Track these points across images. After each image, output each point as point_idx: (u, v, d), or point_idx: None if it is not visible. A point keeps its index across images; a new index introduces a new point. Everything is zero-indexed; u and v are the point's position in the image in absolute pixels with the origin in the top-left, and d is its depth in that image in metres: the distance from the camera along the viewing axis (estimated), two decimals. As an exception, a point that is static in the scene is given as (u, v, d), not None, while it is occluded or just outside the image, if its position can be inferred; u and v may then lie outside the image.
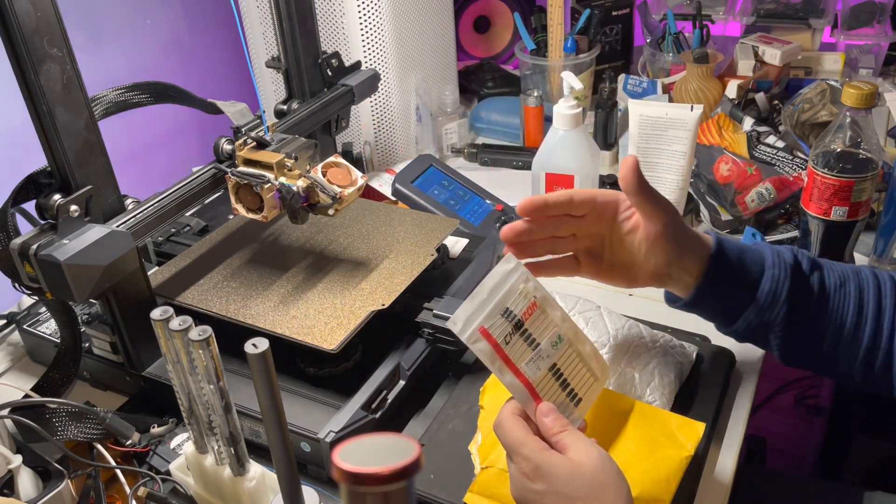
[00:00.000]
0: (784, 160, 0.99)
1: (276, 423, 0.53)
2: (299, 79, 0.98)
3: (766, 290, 0.66)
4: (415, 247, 0.86)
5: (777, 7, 1.37)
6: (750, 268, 0.66)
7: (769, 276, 0.66)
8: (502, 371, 0.58)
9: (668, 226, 0.64)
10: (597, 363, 0.64)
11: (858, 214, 0.88)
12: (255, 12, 1.20)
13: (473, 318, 0.57)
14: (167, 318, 0.57)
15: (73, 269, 0.66)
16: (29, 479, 0.69)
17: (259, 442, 0.73)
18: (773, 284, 0.66)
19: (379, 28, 1.14)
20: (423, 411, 0.77)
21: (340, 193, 0.76)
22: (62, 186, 0.70)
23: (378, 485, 0.30)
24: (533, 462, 0.56)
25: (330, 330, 0.73)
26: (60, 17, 0.65)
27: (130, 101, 0.82)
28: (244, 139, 0.80)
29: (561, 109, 0.90)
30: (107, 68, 1.17)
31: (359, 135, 1.22)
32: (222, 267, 0.85)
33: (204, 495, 0.67)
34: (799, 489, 0.94)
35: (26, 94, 0.66)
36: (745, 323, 0.67)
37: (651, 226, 0.65)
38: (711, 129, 1.06)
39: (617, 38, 1.44)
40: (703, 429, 0.69)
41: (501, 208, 1.07)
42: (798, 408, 1.65)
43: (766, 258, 0.67)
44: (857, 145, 0.85)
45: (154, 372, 0.79)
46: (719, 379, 0.79)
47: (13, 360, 0.92)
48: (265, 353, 0.50)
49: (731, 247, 0.67)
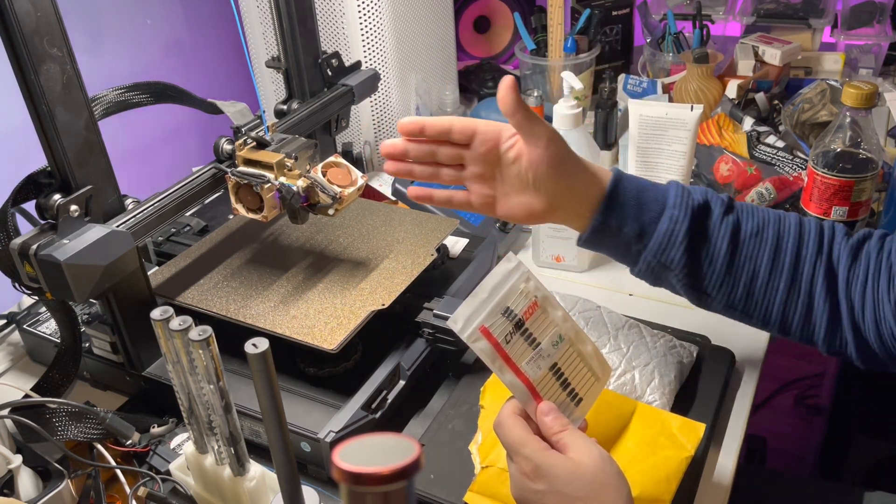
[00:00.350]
0: (784, 160, 0.99)
1: (276, 423, 0.53)
2: (299, 79, 0.98)
3: (661, 230, 0.64)
4: (415, 247, 0.86)
5: (777, 7, 1.37)
6: (649, 206, 0.64)
7: (668, 217, 0.64)
8: (503, 370, 0.57)
9: (550, 147, 0.63)
10: (598, 363, 0.64)
11: (858, 214, 0.88)
12: (255, 12, 1.20)
13: (474, 318, 0.57)
14: (167, 318, 0.57)
15: (73, 269, 0.66)
16: (29, 479, 0.69)
17: (259, 442, 0.73)
18: (669, 224, 0.63)
19: (379, 28, 1.14)
20: (423, 411, 0.77)
21: (340, 193, 0.76)
22: (62, 186, 0.70)
23: (378, 485, 0.30)
24: (533, 462, 0.56)
25: (330, 330, 0.73)
26: (60, 17, 0.65)
27: (130, 101, 0.82)
28: (244, 139, 0.80)
29: (561, 109, 0.90)
30: (107, 68, 1.17)
31: (359, 135, 1.22)
32: (222, 267, 0.85)
33: (204, 495, 0.67)
34: (799, 489, 0.94)
35: (26, 94, 0.66)
36: (645, 263, 0.66)
37: (534, 150, 0.63)
38: (711, 129, 1.06)
39: (617, 38, 1.44)
40: (703, 429, 0.69)
41: (501, 208, 1.07)
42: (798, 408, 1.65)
43: (670, 198, 0.65)
44: (857, 145, 0.85)
45: (154, 372, 0.79)
46: (719, 379, 0.79)
47: (13, 360, 0.92)
48: (265, 353, 0.50)
49: (631, 184, 0.65)
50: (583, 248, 0.69)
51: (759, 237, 0.65)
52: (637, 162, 0.95)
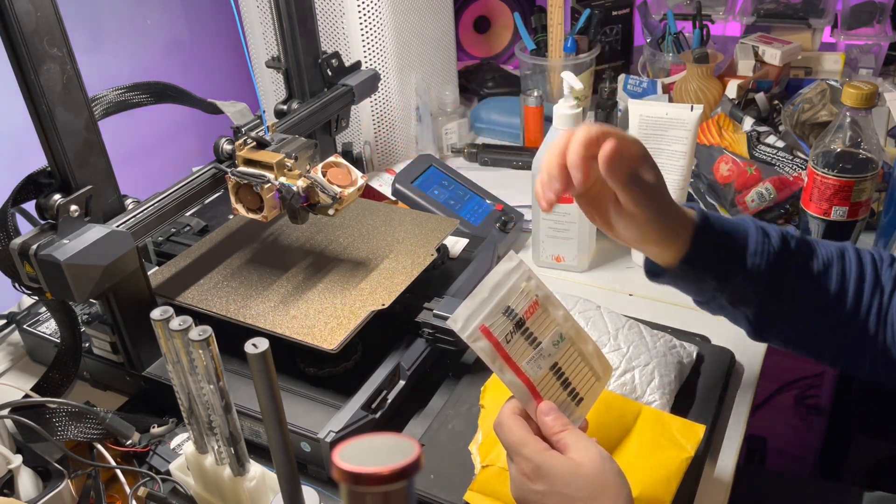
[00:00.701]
0: (784, 160, 0.99)
1: (276, 423, 0.53)
2: (299, 79, 0.98)
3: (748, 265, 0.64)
4: (415, 247, 0.86)
5: (777, 7, 1.37)
6: (731, 248, 0.65)
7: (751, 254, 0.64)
8: (503, 370, 0.57)
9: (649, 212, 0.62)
10: (599, 363, 0.64)
11: (858, 214, 0.88)
12: (255, 12, 1.20)
13: (474, 317, 0.57)
14: (167, 318, 0.57)
15: (73, 269, 0.66)
16: (29, 479, 0.69)
17: (259, 442, 0.73)
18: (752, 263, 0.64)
19: (379, 28, 1.14)
20: (423, 411, 0.77)
21: (340, 193, 0.76)
22: (62, 186, 0.70)
23: (378, 485, 0.30)
24: (533, 462, 0.56)
25: (330, 330, 0.73)
26: (60, 17, 0.65)
27: (130, 101, 0.82)
28: (244, 139, 0.80)
29: (561, 109, 0.90)
30: (107, 68, 1.17)
31: (359, 135, 1.22)
32: (222, 267, 0.85)
33: (204, 495, 0.67)
34: (799, 489, 0.94)
35: (26, 94, 0.66)
36: (716, 303, 0.67)
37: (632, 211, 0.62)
38: (711, 129, 1.06)
39: (617, 38, 1.44)
40: (703, 431, 0.69)
41: (501, 208, 1.07)
42: (798, 408, 1.65)
43: (750, 237, 0.65)
44: (857, 145, 0.85)
45: (154, 372, 0.79)
46: (719, 379, 0.79)
47: (13, 360, 0.92)
48: (265, 353, 0.50)
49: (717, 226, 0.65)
50: (583, 250, 0.69)
51: (826, 275, 0.66)
52: (637, 162, 0.95)
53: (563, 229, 0.97)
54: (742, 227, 0.67)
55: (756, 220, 0.68)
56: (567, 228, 0.96)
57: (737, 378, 0.81)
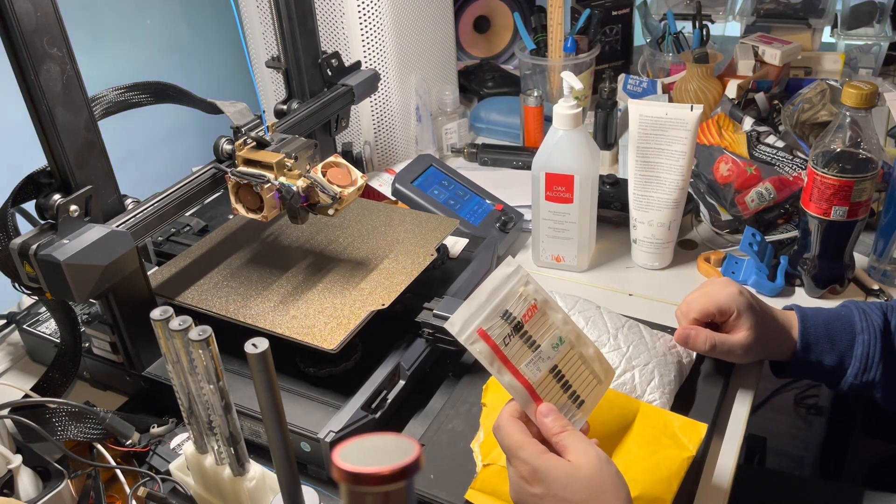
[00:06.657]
0: (784, 160, 0.99)
1: (276, 423, 0.53)
2: (299, 79, 0.98)
3: (858, 355, 0.72)
4: (415, 247, 0.86)
5: (777, 7, 1.37)
6: (840, 336, 0.73)
7: (860, 342, 0.72)
8: (501, 372, 0.57)
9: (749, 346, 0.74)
10: (600, 366, 0.64)
11: (858, 214, 0.87)
12: (255, 12, 1.20)
13: (472, 320, 0.57)
14: (167, 318, 0.57)
15: (73, 269, 0.66)
16: (29, 479, 0.69)
17: (259, 442, 0.73)
18: (864, 349, 0.72)
19: (379, 28, 1.14)
20: (423, 411, 0.77)
21: (340, 193, 0.76)
22: (62, 186, 0.70)
23: (378, 485, 0.30)
24: (531, 465, 0.55)
25: (330, 330, 0.73)
26: (60, 17, 0.65)
27: (130, 101, 0.82)
28: (244, 139, 0.80)
29: (561, 109, 0.90)
30: (107, 68, 1.17)
31: (359, 135, 1.22)
32: (222, 267, 0.85)
33: (204, 495, 0.67)
34: (799, 489, 0.94)
35: (26, 94, 0.66)
36: (847, 385, 0.75)
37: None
38: (711, 129, 1.06)
39: (617, 38, 1.44)
40: (705, 430, 0.69)
41: (501, 208, 1.07)
42: (798, 408, 1.65)
43: (856, 324, 0.73)
44: (856, 145, 0.85)
45: (154, 372, 0.79)
46: (719, 379, 0.79)
47: (13, 360, 0.92)
48: (265, 353, 0.50)
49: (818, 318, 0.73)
50: (583, 250, 0.71)
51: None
52: (637, 162, 0.95)
53: (562, 229, 0.97)
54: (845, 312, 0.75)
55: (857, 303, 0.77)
56: (567, 228, 0.96)
57: (737, 378, 0.81)
